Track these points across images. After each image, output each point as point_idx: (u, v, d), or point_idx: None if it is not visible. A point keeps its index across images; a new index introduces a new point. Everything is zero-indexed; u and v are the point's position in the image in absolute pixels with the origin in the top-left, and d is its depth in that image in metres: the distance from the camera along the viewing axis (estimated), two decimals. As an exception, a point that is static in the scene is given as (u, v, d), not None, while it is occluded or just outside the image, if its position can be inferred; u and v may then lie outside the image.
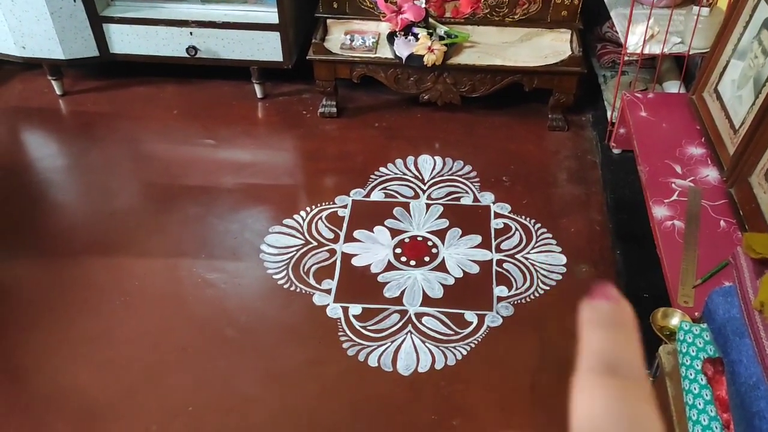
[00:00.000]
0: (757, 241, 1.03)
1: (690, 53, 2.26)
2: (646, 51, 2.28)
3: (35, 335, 1.96)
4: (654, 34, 2.28)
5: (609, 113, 2.52)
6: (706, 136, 2.07)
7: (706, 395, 1.13)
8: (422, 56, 2.42)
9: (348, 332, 1.94)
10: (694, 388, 1.15)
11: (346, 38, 2.57)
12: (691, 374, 1.18)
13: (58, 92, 2.87)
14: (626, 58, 2.34)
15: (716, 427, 1.09)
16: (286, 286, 2.07)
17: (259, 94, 2.82)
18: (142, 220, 2.32)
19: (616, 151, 2.47)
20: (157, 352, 1.92)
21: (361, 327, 1.95)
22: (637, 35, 2.28)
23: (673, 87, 2.50)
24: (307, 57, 2.55)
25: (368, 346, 1.90)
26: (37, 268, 2.15)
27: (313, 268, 2.12)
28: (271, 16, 2.57)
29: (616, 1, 2.51)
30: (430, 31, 2.46)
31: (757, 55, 1.91)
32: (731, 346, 1.01)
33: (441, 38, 2.47)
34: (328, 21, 2.62)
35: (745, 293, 1.00)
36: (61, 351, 1.92)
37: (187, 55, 2.68)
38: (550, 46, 2.55)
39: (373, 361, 1.86)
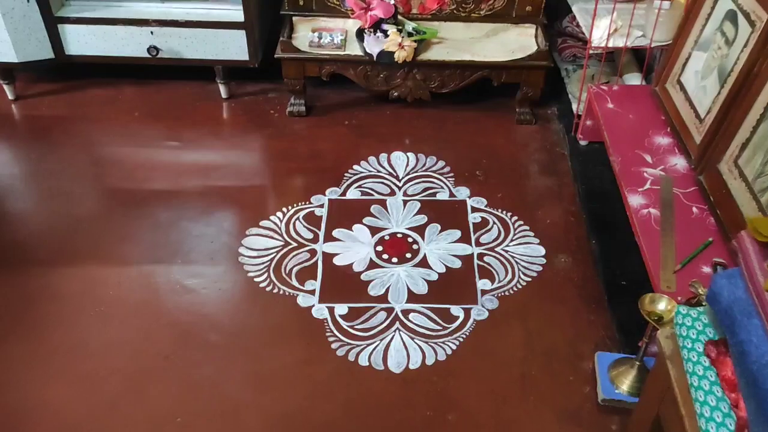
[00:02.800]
0: (762, 224, 1.07)
1: (652, 46, 2.33)
2: (610, 44, 2.34)
3: (5, 351, 1.87)
4: (617, 28, 2.35)
5: (574, 106, 2.58)
6: (672, 126, 2.14)
7: (711, 376, 1.18)
8: (393, 53, 2.42)
9: (336, 332, 1.93)
10: (699, 370, 1.19)
11: (314, 36, 2.54)
12: (693, 357, 1.22)
13: (10, 97, 2.75)
14: (590, 52, 2.40)
15: (724, 407, 1.13)
16: (268, 289, 2.04)
17: (224, 94, 2.77)
18: (111, 227, 2.24)
19: (583, 142, 2.53)
20: (138, 362, 1.86)
21: (348, 326, 1.94)
22: (601, 29, 2.34)
23: (634, 79, 2.57)
24: (276, 55, 2.52)
25: (357, 345, 1.89)
26: (1, 281, 2.05)
27: (294, 270, 2.10)
28: (236, 14, 2.52)
29: (578, -4, 2.57)
30: (399, 27, 2.47)
31: (721, 46, 1.99)
32: (739, 326, 1.05)
33: (410, 34, 2.48)
34: (294, 18, 2.59)
35: (753, 275, 1.04)
36: (34, 365, 1.84)
37: (148, 56, 2.61)
38: (516, 41, 2.58)
39: (363, 360, 1.85)
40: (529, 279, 2.08)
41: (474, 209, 2.31)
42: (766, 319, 1.00)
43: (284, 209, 2.29)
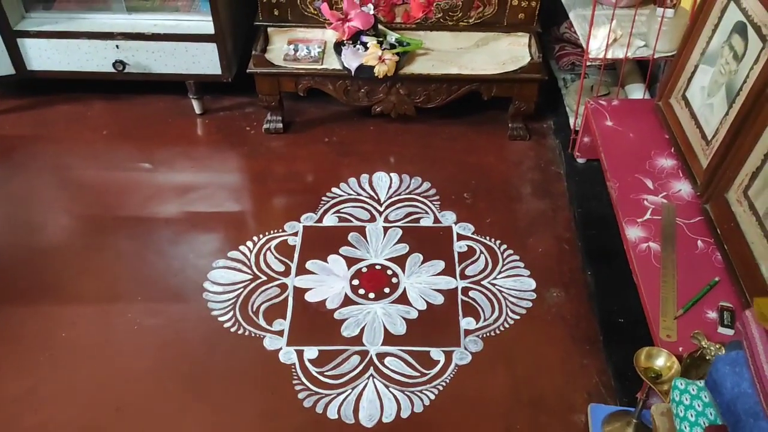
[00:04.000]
0: (771, 308, 0.90)
1: (655, 57, 2.14)
2: (609, 55, 2.16)
3: (-53, 402, 1.73)
4: (617, 37, 2.16)
5: (571, 120, 2.39)
6: (676, 147, 1.95)
7: (712, 470, 1.01)
8: (372, 67, 2.24)
9: (303, 379, 1.76)
10: (697, 461, 1.02)
11: (290, 48, 2.37)
12: (691, 443, 1.04)
13: (-29, 114, 2.61)
14: (588, 63, 2.21)
15: None
16: (233, 329, 1.88)
17: (197, 110, 2.61)
18: (70, 259, 2.09)
19: (580, 160, 2.35)
20: (89, 414, 1.71)
21: (317, 373, 1.78)
22: (599, 39, 2.15)
23: (636, 91, 2.39)
24: (248, 70, 2.35)
25: (326, 395, 1.73)
26: (-51, 321, 1.91)
27: (262, 307, 1.93)
28: (206, 25, 2.35)
29: (575, 2, 2.38)
30: (380, 39, 2.29)
31: (729, 61, 1.80)
32: (744, 426, 0.88)
33: (392, 46, 2.30)
34: (269, 30, 2.42)
35: (760, 370, 0.86)
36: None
37: (115, 70, 2.44)
38: (507, 51, 2.40)
39: (332, 413, 1.69)
40: (518, 317, 1.91)
41: (460, 237, 2.13)
42: (775, 424, 0.83)
43: (255, 238, 2.13)
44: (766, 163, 1.58)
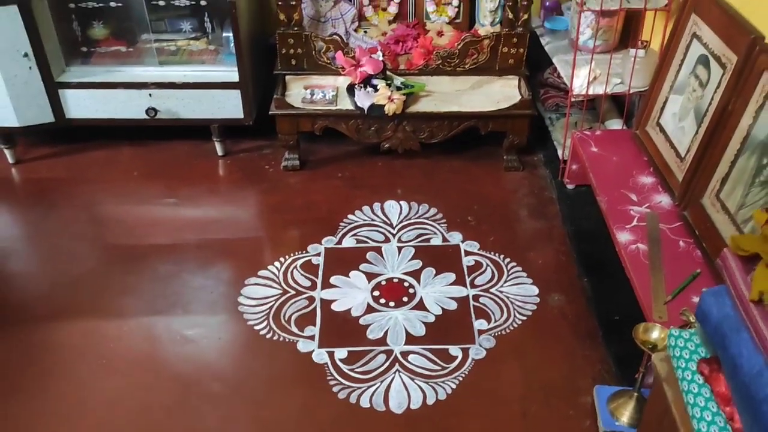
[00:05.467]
0: (743, 241, 1.13)
1: (630, 92, 2.44)
2: (591, 92, 2.45)
3: (11, 407, 1.87)
4: (596, 76, 2.46)
5: (560, 152, 2.67)
6: (654, 166, 2.22)
7: (706, 393, 1.21)
8: (383, 106, 2.52)
9: (336, 376, 1.94)
10: (693, 388, 1.23)
11: (306, 92, 2.65)
12: (687, 376, 1.25)
13: (10, 160, 2.81)
14: (572, 100, 2.51)
15: (720, 421, 1.16)
16: (268, 336, 2.07)
17: (220, 152, 2.85)
18: (111, 282, 2.27)
19: (570, 186, 2.61)
20: (143, 416, 1.86)
21: (348, 370, 1.96)
22: (581, 78, 2.45)
23: (615, 124, 2.68)
24: (270, 112, 2.61)
25: (358, 388, 1.91)
26: (5, 339, 2.06)
27: (294, 316, 2.13)
28: (232, 74, 2.63)
29: (557, 49, 2.70)
30: (388, 82, 2.57)
31: (695, 89, 2.09)
32: (730, 341, 1.09)
33: (398, 88, 2.58)
34: (287, 77, 2.70)
35: (738, 290, 1.09)
36: (38, 422, 1.84)
37: (147, 117, 2.69)
38: (500, 92, 2.70)
39: (365, 402, 1.87)
40: (525, 318, 2.12)
41: (467, 253, 2.37)
42: (754, 331, 1.05)
43: (282, 259, 2.34)
44: (733, 169, 1.85)
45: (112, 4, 2.64)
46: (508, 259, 2.34)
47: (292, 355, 2.01)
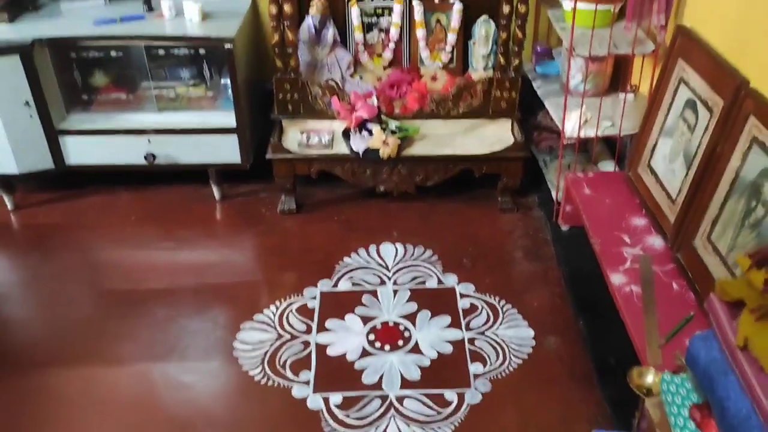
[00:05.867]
0: (729, 286, 1.14)
1: (621, 135, 2.47)
2: (582, 135, 2.49)
3: (1, 456, 1.86)
4: (587, 119, 2.50)
5: (554, 193, 2.70)
6: (646, 208, 2.24)
7: (698, 439, 1.21)
8: (378, 150, 2.55)
9: (331, 422, 1.93)
10: (686, 434, 1.23)
11: (303, 137, 2.69)
12: (680, 422, 1.25)
13: (9, 207, 2.84)
14: (564, 143, 2.54)
15: (713, 468, 1.15)
16: (263, 382, 2.06)
17: (217, 196, 2.88)
18: (108, 327, 2.27)
19: (564, 227, 2.62)
20: (135, 462, 1.85)
21: (344, 416, 1.95)
22: (573, 121, 2.49)
23: (607, 166, 2.71)
24: (267, 156, 2.65)
25: (354, 435, 1.90)
26: (2, 386, 2.06)
27: (288, 361, 2.12)
28: (229, 120, 2.67)
29: (549, 93, 2.75)
30: (383, 126, 2.61)
31: (684, 132, 2.13)
32: (717, 384, 1.10)
33: (393, 132, 2.62)
34: (284, 122, 2.74)
35: (725, 334, 1.09)
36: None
37: (146, 162, 2.73)
38: (494, 135, 2.74)
39: (360, 449, 1.86)
40: (521, 361, 2.12)
41: (462, 295, 2.37)
42: (740, 374, 1.05)
43: (277, 302, 2.34)
44: (723, 211, 1.87)
45: (113, 53, 2.70)
46: (503, 302, 2.34)
47: (286, 401, 2.00)
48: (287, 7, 2.50)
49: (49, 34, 2.57)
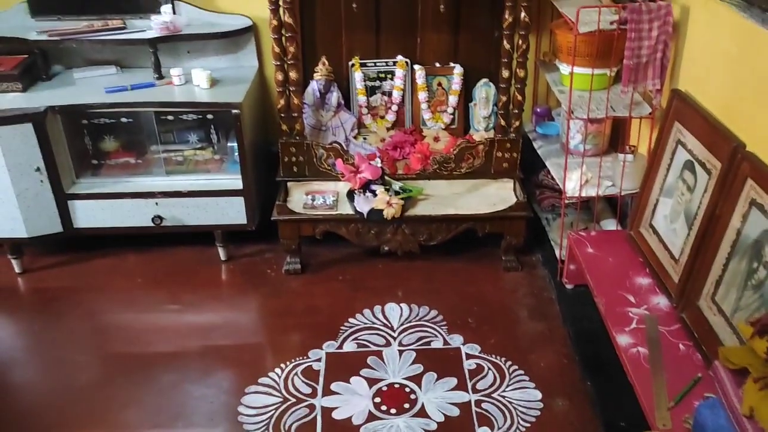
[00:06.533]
0: (732, 354, 1.14)
1: (622, 194, 2.50)
2: (583, 194, 2.52)
3: None
4: (588, 179, 2.54)
5: (557, 252, 2.71)
6: (650, 268, 2.25)
7: None
8: (382, 210, 2.59)
9: (338, 490, 1.91)
10: (697, 506, 1.21)
11: (308, 198, 2.73)
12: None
13: (17, 270, 2.87)
14: (566, 202, 2.57)
15: None
16: (268, 448, 2.04)
17: (223, 257, 2.90)
18: (113, 394, 2.27)
19: (569, 286, 2.63)
20: None
21: (350, 484, 1.92)
22: (574, 181, 2.52)
23: (610, 224, 2.74)
24: (272, 218, 2.68)
25: (360, 504, 1.87)
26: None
27: (294, 426, 2.11)
28: (236, 182, 2.72)
29: (550, 152, 2.80)
30: (387, 187, 2.65)
31: (683, 192, 2.16)
32: (726, 457, 1.09)
33: (397, 193, 2.66)
34: (289, 183, 2.79)
35: (730, 402, 1.09)
36: None
37: (153, 224, 2.76)
38: (496, 195, 2.77)
39: None
40: (528, 425, 2.10)
41: (468, 356, 2.36)
42: (748, 446, 1.05)
43: (282, 365, 2.34)
44: (725, 272, 1.88)
45: (123, 119, 2.76)
46: (509, 362, 2.33)
47: (292, 468, 1.98)
48: (293, 74, 2.57)
49: (61, 102, 2.64)
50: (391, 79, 2.96)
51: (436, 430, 2.08)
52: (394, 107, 2.99)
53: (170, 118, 2.77)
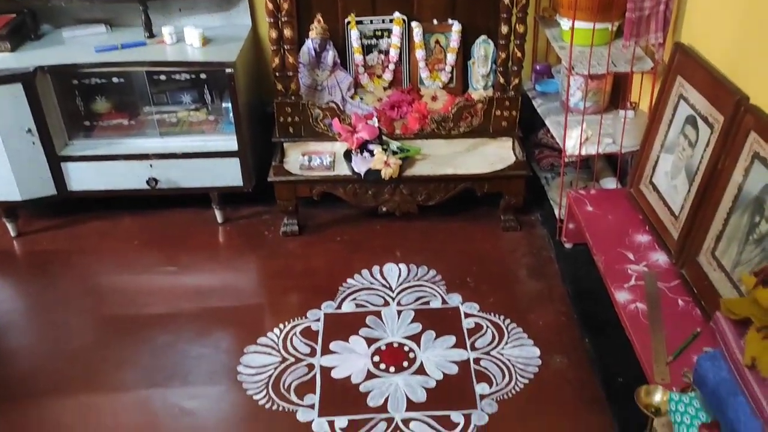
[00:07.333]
0: (734, 304, 1.13)
1: (622, 152, 2.47)
2: (583, 152, 2.49)
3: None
4: (588, 137, 2.50)
5: (556, 211, 2.69)
6: (650, 225, 2.24)
7: (709, 460, 1.19)
8: (379, 171, 2.55)
9: (337, 447, 1.91)
10: (696, 455, 1.21)
11: (304, 159, 2.69)
12: (690, 442, 1.24)
13: (12, 233, 2.84)
14: (566, 160, 2.54)
15: (724, 489, 1.14)
16: (267, 406, 2.04)
17: (219, 219, 2.88)
18: (108, 354, 2.26)
19: (568, 245, 2.61)
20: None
21: (349, 440, 1.93)
22: (573, 139, 2.49)
23: (610, 183, 2.71)
24: (269, 179, 2.65)
25: (359, 459, 1.88)
26: (2, 416, 2.04)
27: (293, 384, 2.11)
28: (231, 143, 2.68)
29: (549, 111, 2.75)
30: (384, 147, 2.62)
31: (685, 148, 2.13)
32: (727, 405, 1.08)
33: (395, 153, 2.63)
34: (285, 144, 2.75)
35: (732, 354, 1.08)
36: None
37: (148, 187, 2.73)
38: (495, 154, 2.74)
39: (366, 474, 1.83)
40: (527, 381, 2.10)
41: (467, 315, 2.36)
42: (749, 395, 1.04)
43: (281, 325, 2.33)
44: (726, 227, 1.86)
45: (114, 79, 2.71)
46: (508, 321, 2.32)
47: (291, 426, 1.98)
48: (287, 31, 2.51)
49: (51, 61, 2.59)
50: (388, 37, 2.90)
51: (434, 387, 2.08)
52: (391, 66, 2.93)
53: (162, 78, 2.71)
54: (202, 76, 2.75)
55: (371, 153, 2.59)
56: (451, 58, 2.90)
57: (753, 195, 1.76)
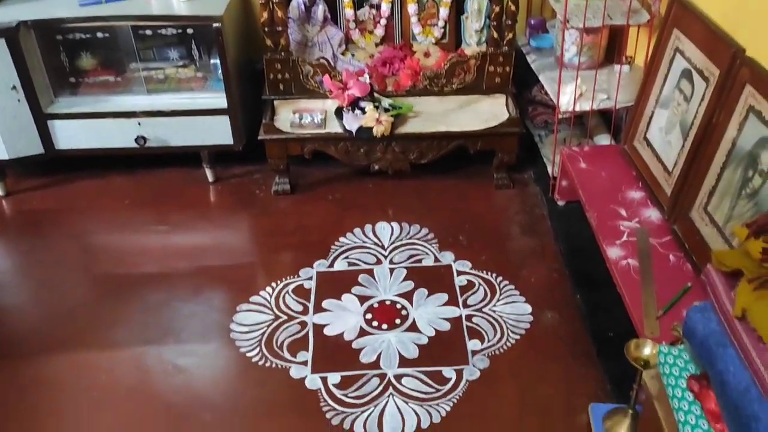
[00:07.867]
0: (725, 256, 1.13)
1: (617, 107, 2.45)
2: (577, 108, 2.46)
3: (-1, 443, 1.85)
4: (582, 92, 2.47)
5: (549, 168, 2.68)
6: (643, 181, 2.23)
7: (696, 410, 1.20)
8: (371, 128, 2.52)
9: (329, 401, 1.93)
10: (684, 406, 1.22)
11: (295, 117, 2.66)
12: (678, 393, 1.24)
13: (1, 193, 2.81)
14: (559, 117, 2.52)
15: (712, 439, 1.15)
16: (260, 363, 2.05)
17: (210, 178, 2.85)
18: (101, 313, 2.26)
19: (560, 203, 2.60)
20: (133, 448, 1.84)
21: (342, 395, 1.94)
22: (568, 95, 2.46)
23: (604, 140, 2.69)
24: (259, 137, 2.62)
25: (352, 413, 1.89)
26: (-6, 373, 2.05)
27: (286, 342, 2.11)
28: (220, 101, 2.64)
29: (543, 66, 2.71)
30: (376, 104, 2.58)
31: (680, 103, 2.10)
32: (716, 357, 1.09)
33: (386, 110, 2.59)
34: (276, 102, 2.71)
35: (722, 305, 1.08)
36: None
37: (136, 145, 2.70)
38: (488, 111, 2.71)
39: (359, 428, 1.85)
40: (518, 337, 2.11)
41: (459, 272, 2.36)
42: (739, 347, 1.04)
43: (273, 284, 2.33)
44: (719, 182, 1.85)
45: (99, 35, 2.65)
46: (500, 278, 2.33)
47: (284, 382, 1.99)
48: (276, -16, 2.45)
49: (34, 16, 2.52)
50: (380, -9, 2.84)
51: (427, 343, 2.10)
52: (383, 21, 2.87)
53: (149, 33, 2.65)
54: (189, 30, 2.69)
55: (363, 110, 2.56)
56: (443, 12, 2.84)
57: (747, 149, 1.74)
